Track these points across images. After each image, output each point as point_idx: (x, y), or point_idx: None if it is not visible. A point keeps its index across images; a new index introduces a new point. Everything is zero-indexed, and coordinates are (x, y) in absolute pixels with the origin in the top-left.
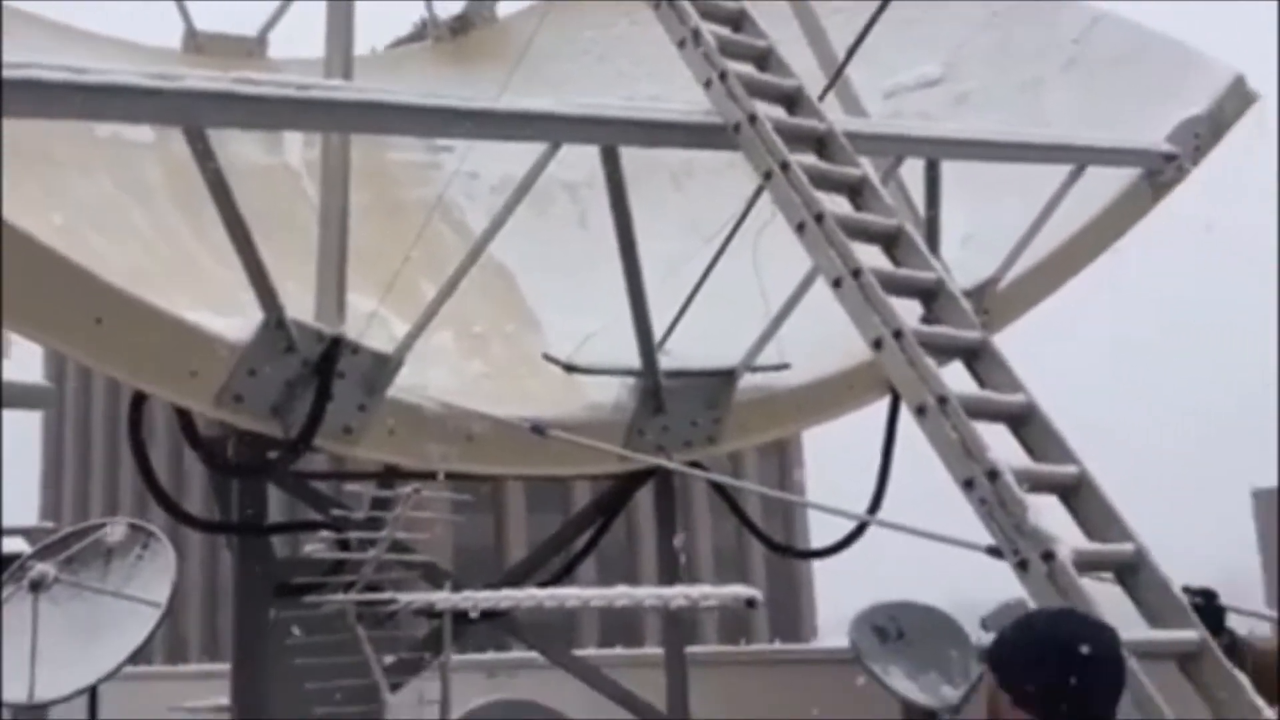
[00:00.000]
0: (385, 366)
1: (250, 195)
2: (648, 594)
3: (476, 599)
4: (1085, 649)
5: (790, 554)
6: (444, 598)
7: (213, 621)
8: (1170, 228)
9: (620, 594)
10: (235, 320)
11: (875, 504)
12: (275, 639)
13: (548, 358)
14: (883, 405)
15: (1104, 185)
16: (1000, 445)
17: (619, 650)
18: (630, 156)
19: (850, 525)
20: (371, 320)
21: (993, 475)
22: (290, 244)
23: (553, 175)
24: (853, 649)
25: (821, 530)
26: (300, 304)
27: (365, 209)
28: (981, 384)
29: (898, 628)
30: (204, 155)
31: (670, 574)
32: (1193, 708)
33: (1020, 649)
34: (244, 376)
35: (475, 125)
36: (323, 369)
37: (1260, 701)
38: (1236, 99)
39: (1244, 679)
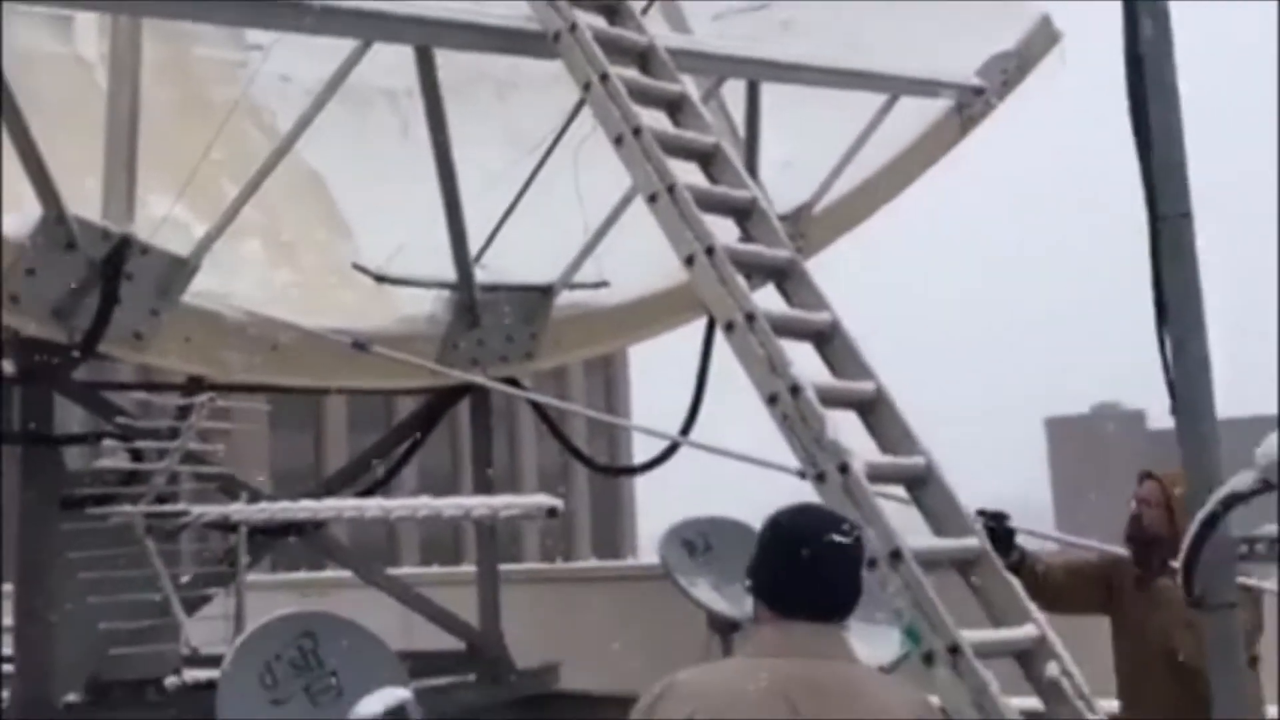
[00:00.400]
0: (180, 270)
1: (39, 85)
2: (448, 504)
3: (272, 510)
4: (818, 539)
5: (603, 471)
6: (238, 510)
7: None
8: (967, 165)
9: (421, 504)
10: (14, 217)
11: (689, 422)
12: (60, 553)
13: (357, 267)
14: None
15: (917, 115)
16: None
17: (435, 568)
18: (452, 64)
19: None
20: (165, 221)
21: (795, 390)
22: (83, 140)
23: (372, 80)
24: (661, 563)
25: (647, 448)
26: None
27: (172, 107)
28: (790, 303)
29: (706, 542)
30: None
31: (485, 491)
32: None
33: (767, 545)
34: (21, 276)
35: (279, 17)
36: (108, 270)
37: (1031, 606)
38: (1042, 38)
39: (1016, 583)
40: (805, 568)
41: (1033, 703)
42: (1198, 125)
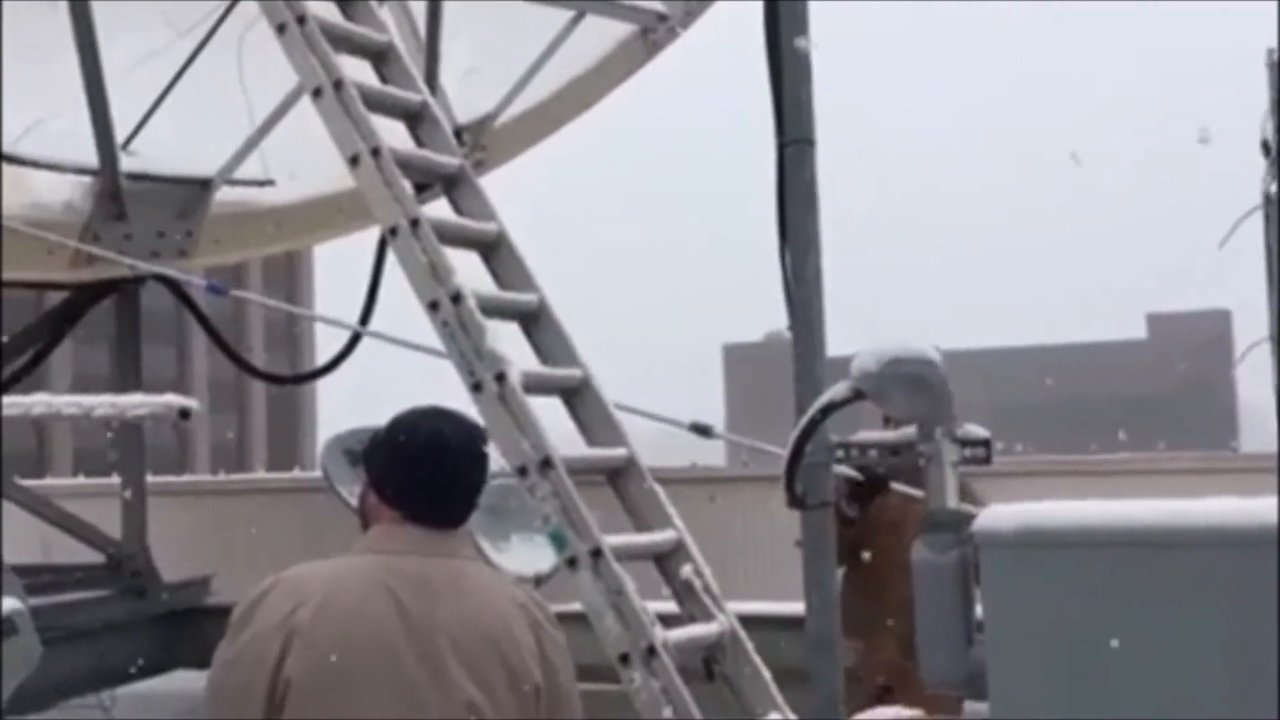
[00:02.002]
0: None
1: None
2: (67, 401)
3: None
4: (440, 443)
5: (267, 379)
6: None
7: None
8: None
9: (36, 401)
10: None
11: (363, 321)
12: None
13: None
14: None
15: (605, 39)
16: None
17: (80, 480)
18: None
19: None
20: None
21: (456, 298)
22: None
23: None
24: (322, 472)
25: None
26: None
27: None
28: (458, 211)
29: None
30: None
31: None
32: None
33: (383, 445)
34: None
35: None
36: None
37: (672, 512)
38: None
39: (659, 490)
40: (425, 476)
41: (669, 606)
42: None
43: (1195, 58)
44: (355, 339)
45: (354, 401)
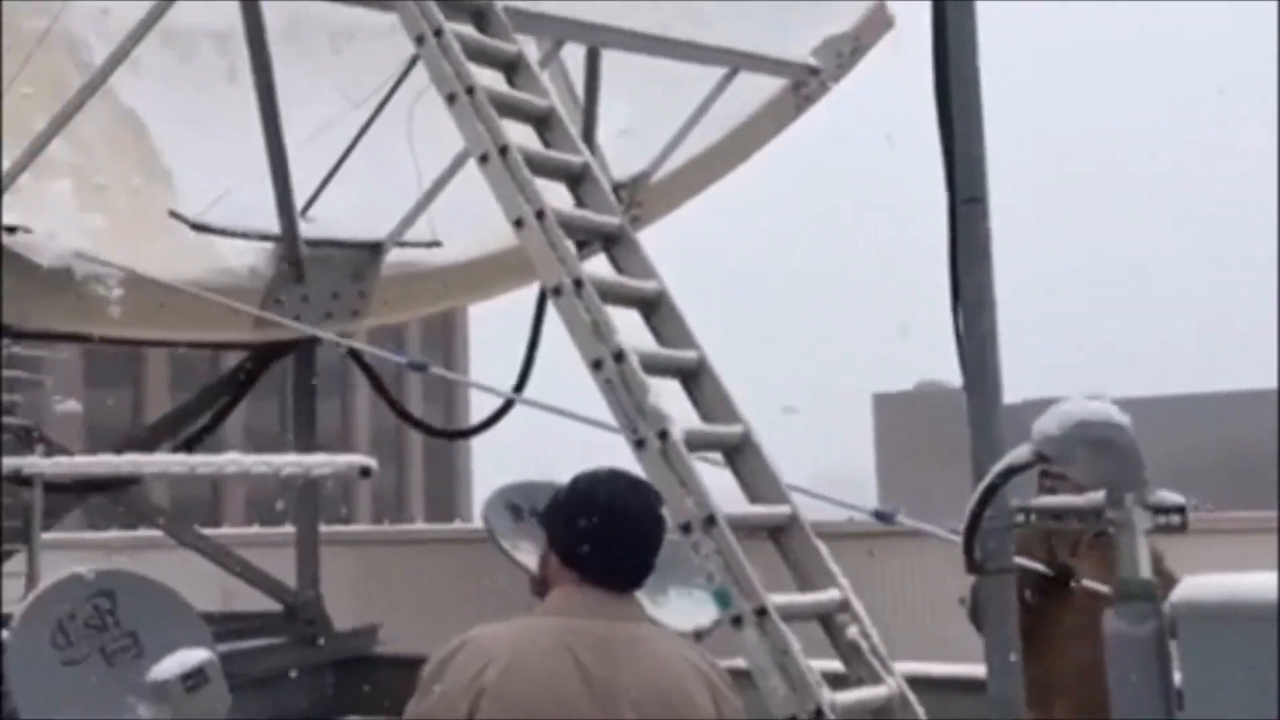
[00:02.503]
0: None
1: None
2: (256, 461)
3: (70, 464)
4: (620, 507)
5: (431, 433)
6: (33, 462)
7: None
8: (806, 142)
9: (228, 460)
10: None
11: (521, 383)
12: None
13: (175, 215)
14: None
15: (756, 93)
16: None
17: (254, 529)
18: (284, 11)
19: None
20: None
21: (619, 356)
22: None
23: (199, 23)
24: (485, 526)
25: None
26: None
27: None
28: (618, 269)
29: (531, 505)
30: None
31: (309, 451)
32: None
33: (562, 508)
34: None
35: None
36: None
37: (836, 570)
38: (877, 22)
39: (823, 548)
40: (605, 540)
41: (835, 665)
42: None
43: None
44: (508, 405)
45: (509, 453)
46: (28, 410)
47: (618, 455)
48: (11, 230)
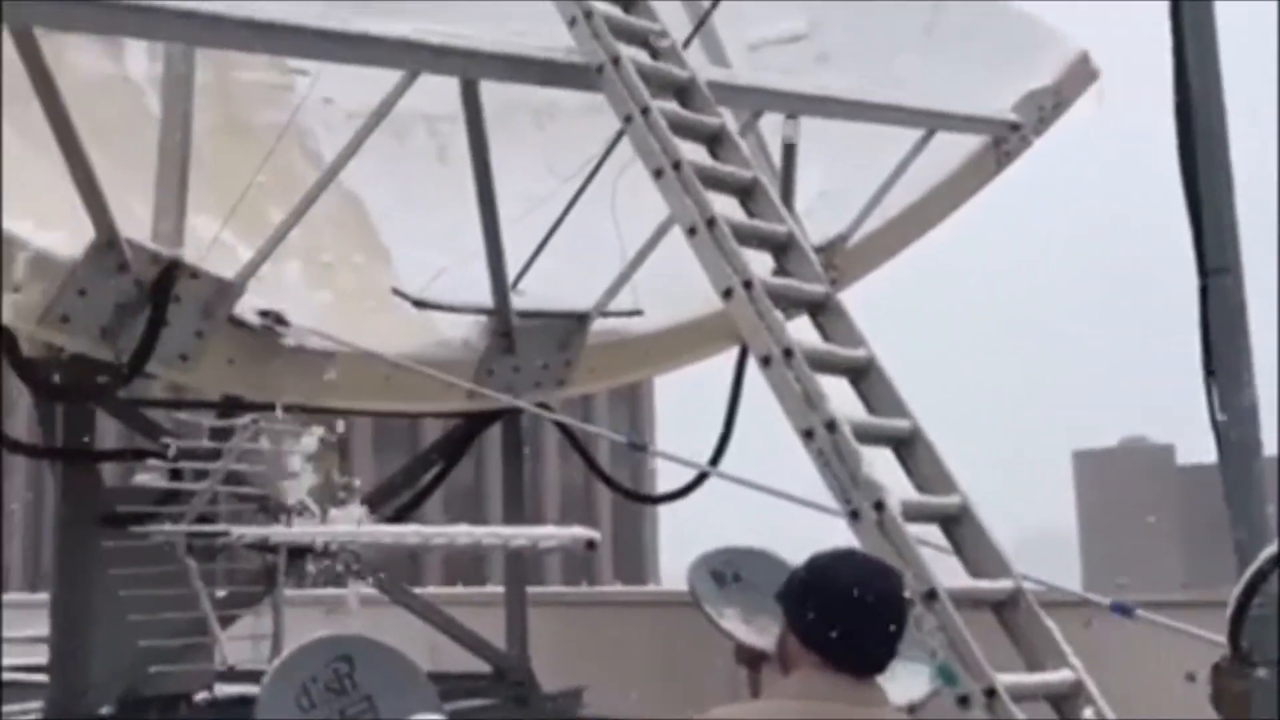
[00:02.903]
0: (226, 293)
1: (89, 106)
2: (487, 533)
3: (313, 533)
4: (866, 591)
5: (636, 498)
6: (279, 531)
7: (35, 550)
8: (1004, 198)
9: (461, 532)
10: (63, 236)
11: (719, 453)
12: (99, 569)
13: (397, 292)
14: (731, 355)
15: (953, 150)
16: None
17: (460, 589)
18: (492, 93)
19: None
20: (214, 245)
21: (831, 426)
22: (131, 161)
23: (412, 107)
24: (690, 592)
25: (668, 476)
26: (143, 223)
27: (214, 130)
28: (825, 337)
29: (734, 572)
30: (32, 58)
31: (515, 516)
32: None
33: (806, 590)
34: (72, 296)
35: (329, 48)
36: (157, 292)
37: (1067, 649)
38: (1080, 74)
39: (1053, 626)
40: (854, 622)
41: None
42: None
43: None
44: (705, 474)
45: (695, 515)
46: (261, 478)
47: (804, 520)
48: (265, 314)
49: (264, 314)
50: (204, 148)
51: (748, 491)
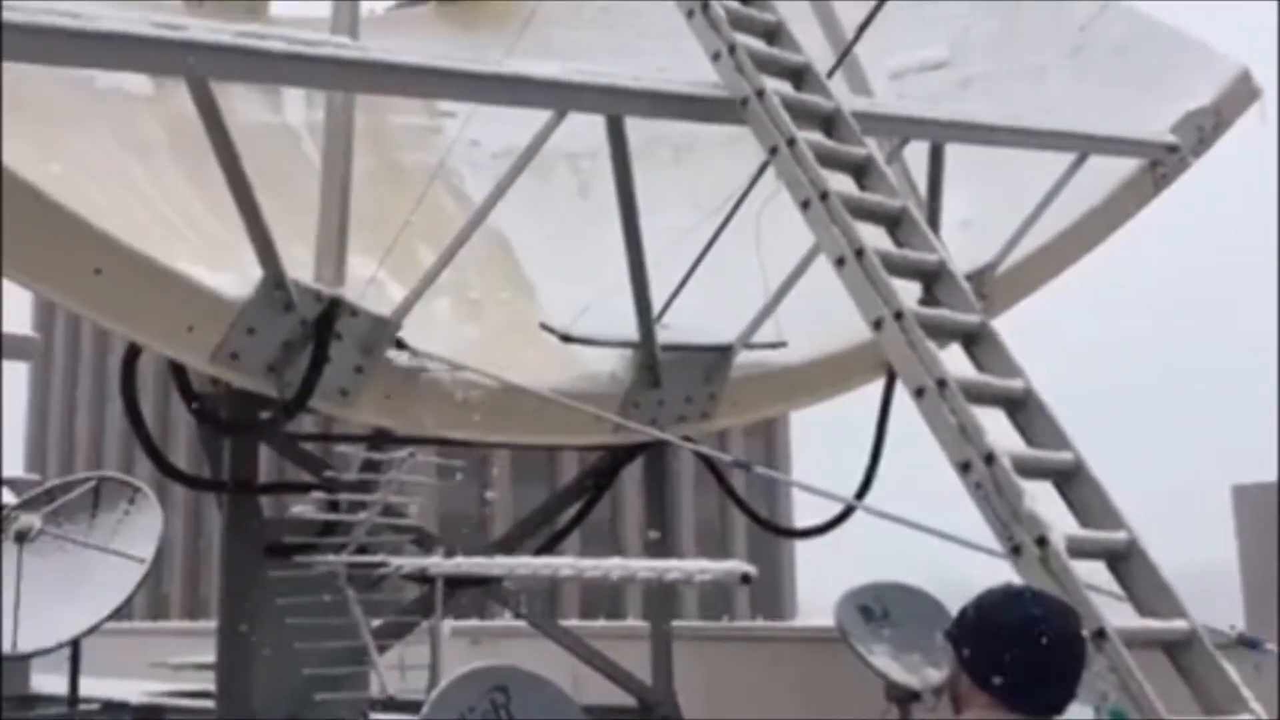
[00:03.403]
0: (383, 330)
1: (250, 153)
2: (642, 566)
3: (470, 565)
4: (1044, 630)
5: (780, 533)
6: (437, 563)
7: (194, 580)
8: (1158, 222)
9: (614, 565)
10: (233, 277)
11: (865, 485)
12: (265, 598)
13: (545, 327)
14: (871, 387)
15: (1104, 174)
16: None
17: (602, 622)
18: (632, 128)
19: (837, 505)
20: (371, 283)
21: (989, 459)
22: (290, 204)
23: (554, 144)
24: (838, 628)
25: (804, 509)
26: (299, 264)
27: (364, 171)
28: (980, 368)
29: (883, 608)
30: (208, 109)
31: (656, 548)
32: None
33: (980, 628)
34: (242, 334)
35: (483, 89)
36: (321, 330)
37: (1248, 694)
38: (1241, 93)
39: (1231, 669)
40: (1032, 663)
41: None
42: None
43: None
44: (852, 508)
45: (835, 548)
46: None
47: (941, 553)
48: (401, 346)
49: (399, 344)
50: (357, 189)
51: (888, 524)
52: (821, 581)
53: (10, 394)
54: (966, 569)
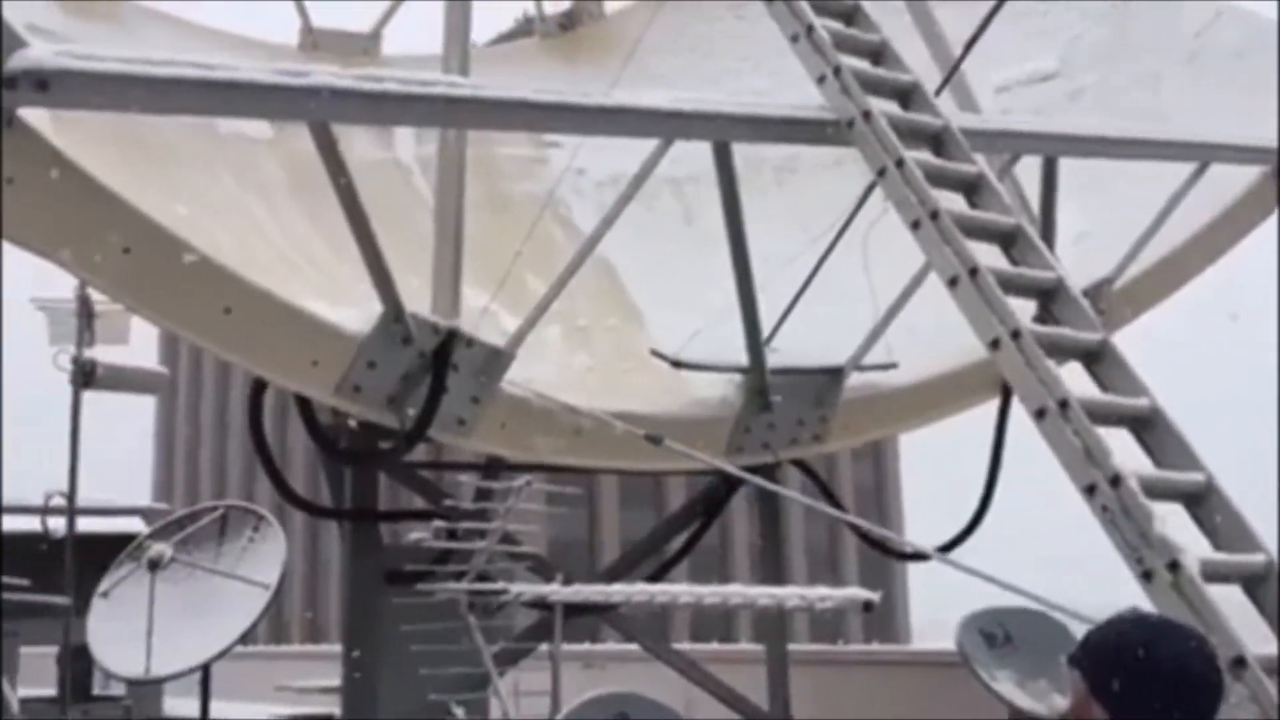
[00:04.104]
0: (498, 360)
1: (363, 189)
2: (761, 593)
3: (588, 593)
4: (1186, 663)
5: (895, 555)
6: (555, 590)
7: (313, 604)
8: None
9: (734, 592)
10: (353, 312)
11: (982, 508)
12: (388, 624)
13: (655, 353)
14: (983, 408)
15: (1225, 182)
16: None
17: (715, 645)
18: (735, 153)
19: (959, 524)
20: (484, 315)
21: (1115, 481)
22: (402, 238)
23: (659, 171)
24: (960, 652)
25: (917, 530)
26: (414, 297)
27: (472, 202)
28: (1102, 387)
29: (1005, 632)
30: (329, 150)
31: (767, 573)
32: None
33: (1116, 658)
34: (363, 367)
35: (594, 121)
36: (438, 361)
37: None
38: None
39: None
40: (1173, 697)
41: None
42: None
43: None
44: (972, 526)
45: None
46: (529, 537)
47: (1065, 573)
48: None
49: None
50: (466, 221)
51: (1003, 546)
52: (934, 605)
53: (139, 426)
54: (1087, 593)
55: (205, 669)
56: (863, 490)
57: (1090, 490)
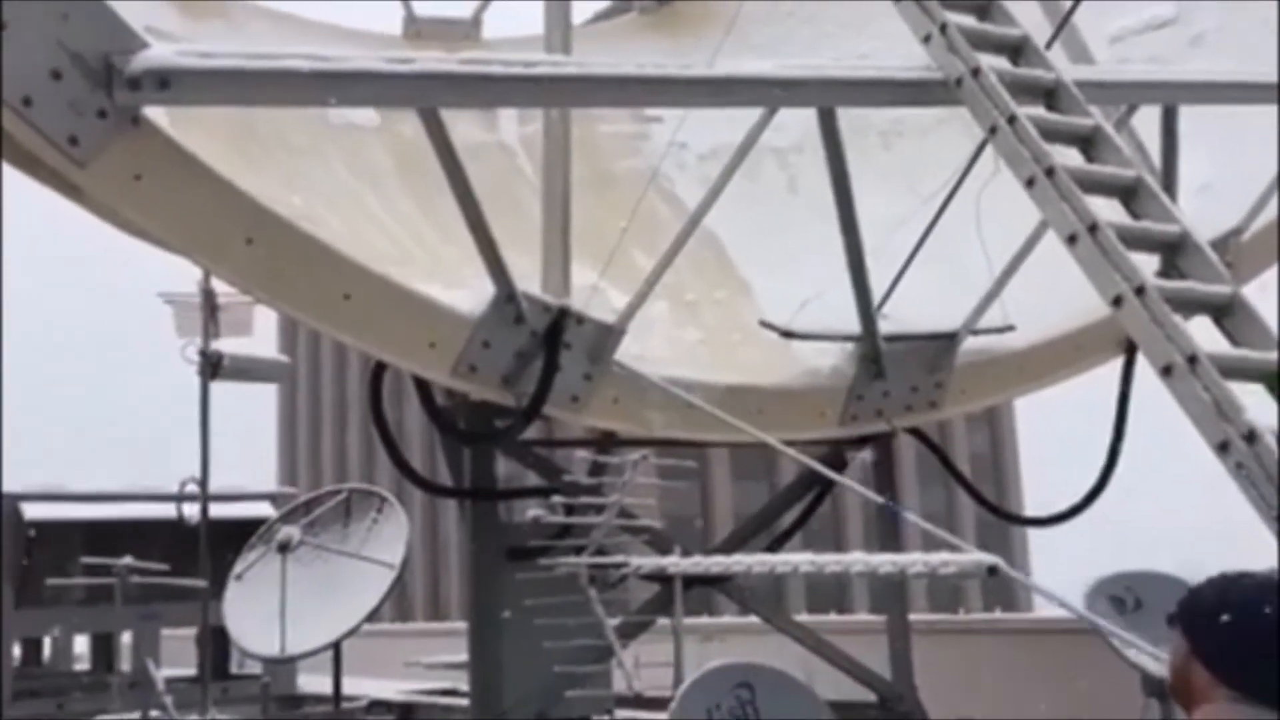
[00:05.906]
0: (609, 336)
1: (469, 173)
2: (883, 560)
3: (708, 564)
4: None
5: (1015, 520)
6: (674, 562)
7: (435, 582)
8: None
9: (855, 559)
10: (466, 294)
11: (1107, 471)
12: (511, 599)
13: (765, 324)
14: (1103, 369)
15: None
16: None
17: (834, 616)
18: (839, 117)
19: (1080, 490)
20: (594, 292)
21: (1250, 437)
22: (510, 218)
23: (762, 141)
24: (1088, 621)
25: (1036, 496)
26: (523, 276)
27: (577, 182)
28: (1233, 341)
29: (1135, 598)
30: (438, 135)
31: (883, 541)
32: None
33: (1212, 617)
34: (478, 348)
35: (700, 93)
36: (550, 340)
37: None
38: None
39: None
40: (1274, 660)
41: None
42: None
43: None
44: (1094, 493)
45: (1066, 535)
46: (646, 510)
47: (1195, 538)
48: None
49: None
50: (573, 200)
51: (1125, 510)
52: (1056, 571)
53: (263, 413)
54: (1213, 555)
55: (336, 647)
56: (978, 456)
57: (1223, 447)
